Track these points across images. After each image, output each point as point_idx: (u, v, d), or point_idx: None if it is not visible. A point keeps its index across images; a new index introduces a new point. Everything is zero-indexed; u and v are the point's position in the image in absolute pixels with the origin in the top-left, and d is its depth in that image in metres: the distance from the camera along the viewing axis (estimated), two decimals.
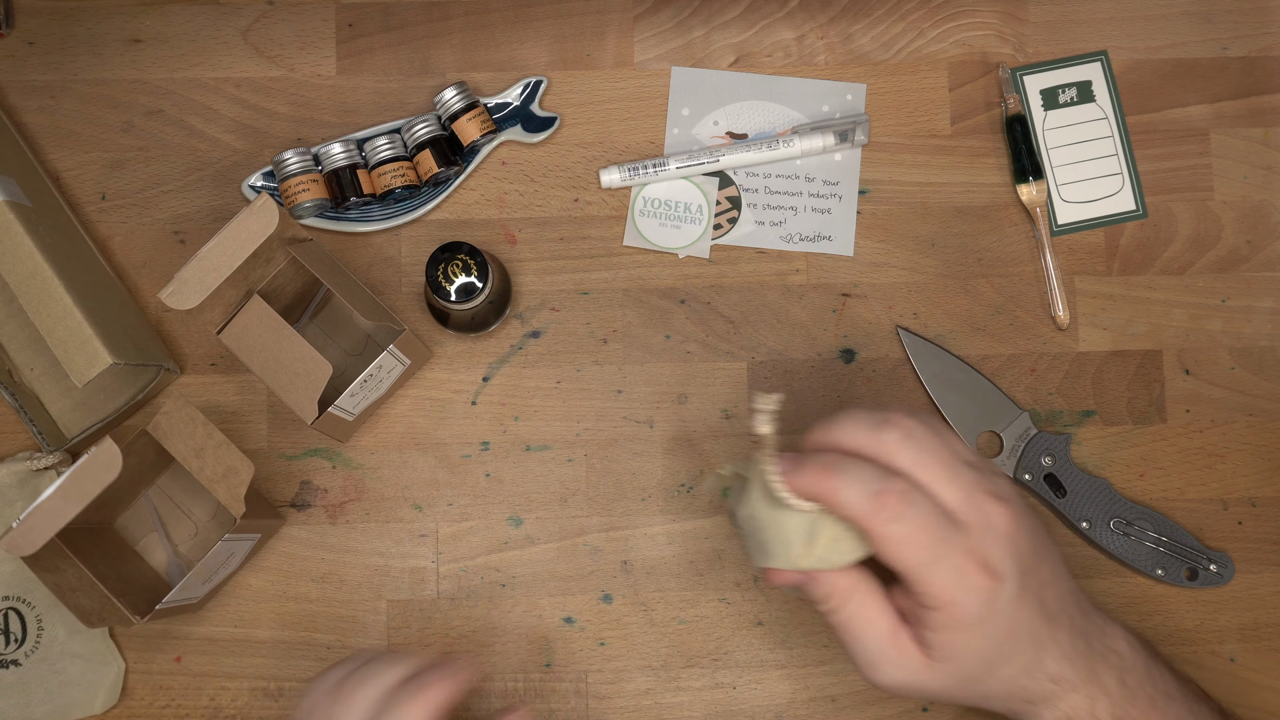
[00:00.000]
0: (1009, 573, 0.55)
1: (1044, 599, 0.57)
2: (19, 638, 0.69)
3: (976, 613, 0.55)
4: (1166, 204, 0.75)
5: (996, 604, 0.55)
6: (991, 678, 0.57)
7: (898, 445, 0.55)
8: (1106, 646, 0.59)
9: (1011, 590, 0.55)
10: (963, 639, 0.55)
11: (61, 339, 0.64)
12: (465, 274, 0.65)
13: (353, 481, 0.72)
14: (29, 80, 0.74)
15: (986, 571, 0.54)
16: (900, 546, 0.54)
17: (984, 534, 0.55)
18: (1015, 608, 0.55)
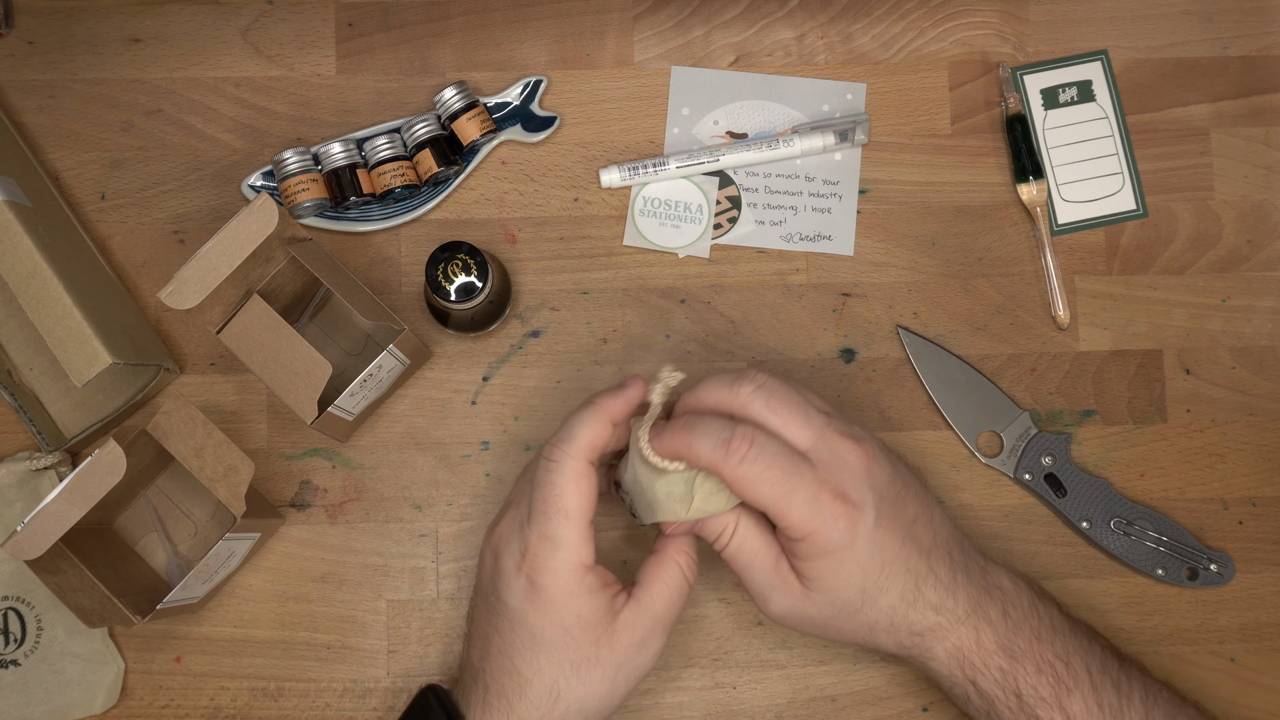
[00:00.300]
0: (866, 501, 0.58)
1: (915, 533, 0.60)
2: (19, 638, 0.69)
3: (838, 539, 0.58)
4: (1167, 203, 0.75)
5: (858, 530, 0.58)
6: (871, 606, 0.59)
7: (750, 397, 0.59)
8: (989, 581, 0.61)
9: (871, 518, 0.58)
10: (832, 566, 0.58)
11: (61, 339, 0.64)
12: (465, 274, 0.65)
13: (353, 481, 0.72)
14: (29, 80, 0.74)
15: (841, 499, 0.58)
16: (753, 486, 0.58)
17: (837, 468, 0.58)
18: (880, 535, 0.59)
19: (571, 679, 0.60)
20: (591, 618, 0.59)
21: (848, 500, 0.58)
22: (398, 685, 0.70)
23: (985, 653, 0.60)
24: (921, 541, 0.60)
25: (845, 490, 0.58)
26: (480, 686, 0.61)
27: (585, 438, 0.60)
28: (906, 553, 0.59)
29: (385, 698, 0.70)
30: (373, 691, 0.70)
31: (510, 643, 0.60)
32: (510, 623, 0.60)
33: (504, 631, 0.60)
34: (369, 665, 0.70)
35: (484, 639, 0.62)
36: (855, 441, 0.59)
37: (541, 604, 0.59)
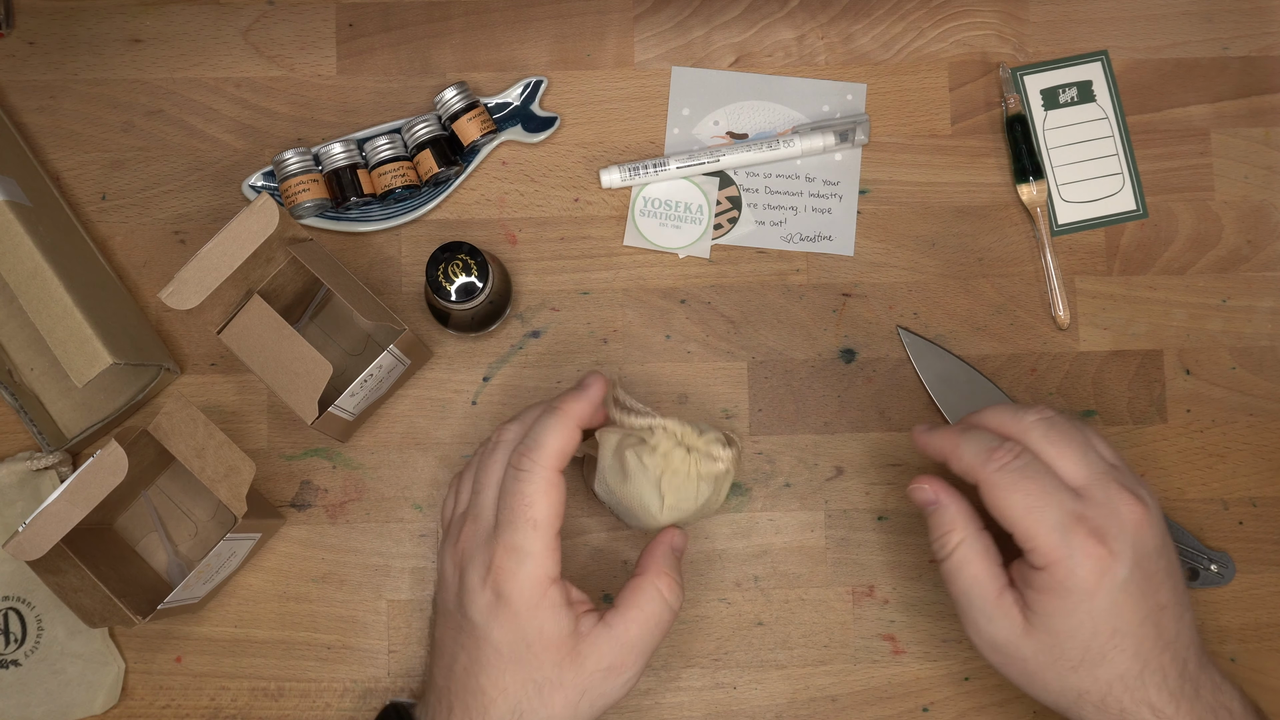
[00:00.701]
0: (1124, 554, 0.55)
1: (1160, 620, 0.57)
2: (19, 638, 0.69)
3: (1081, 579, 0.55)
4: (1167, 204, 0.75)
5: (1105, 579, 0.55)
6: (1089, 672, 0.56)
7: (1032, 424, 0.58)
8: (1219, 702, 0.58)
9: (1123, 573, 0.55)
10: (1065, 608, 0.56)
11: (61, 339, 0.64)
12: (465, 274, 0.65)
13: (353, 481, 0.72)
14: (29, 80, 0.74)
15: (1098, 539, 0.55)
16: (1006, 494, 0.56)
17: (1104, 511, 0.56)
18: (1125, 600, 0.56)
19: (534, 700, 0.58)
20: (555, 636, 0.58)
21: (1104, 541, 0.55)
22: (398, 685, 0.70)
23: None
24: (1164, 632, 0.57)
25: (1105, 532, 0.56)
26: (444, 705, 0.60)
27: (554, 445, 0.58)
28: (1144, 633, 0.56)
29: (386, 698, 0.70)
30: (373, 691, 0.70)
31: (475, 660, 0.59)
32: (475, 640, 0.59)
33: (469, 649, 0.59)
34: (369, 665, 0.70)
35: (448, 657, 0.61)
36: (1134, 496, 0.57)
37: (506, 617, 0.58)
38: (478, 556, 0.59)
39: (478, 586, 0.58)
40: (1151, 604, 0.57)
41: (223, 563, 0.66)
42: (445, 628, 0.62)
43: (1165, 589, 0.58)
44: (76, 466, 0.71)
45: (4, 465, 0.69)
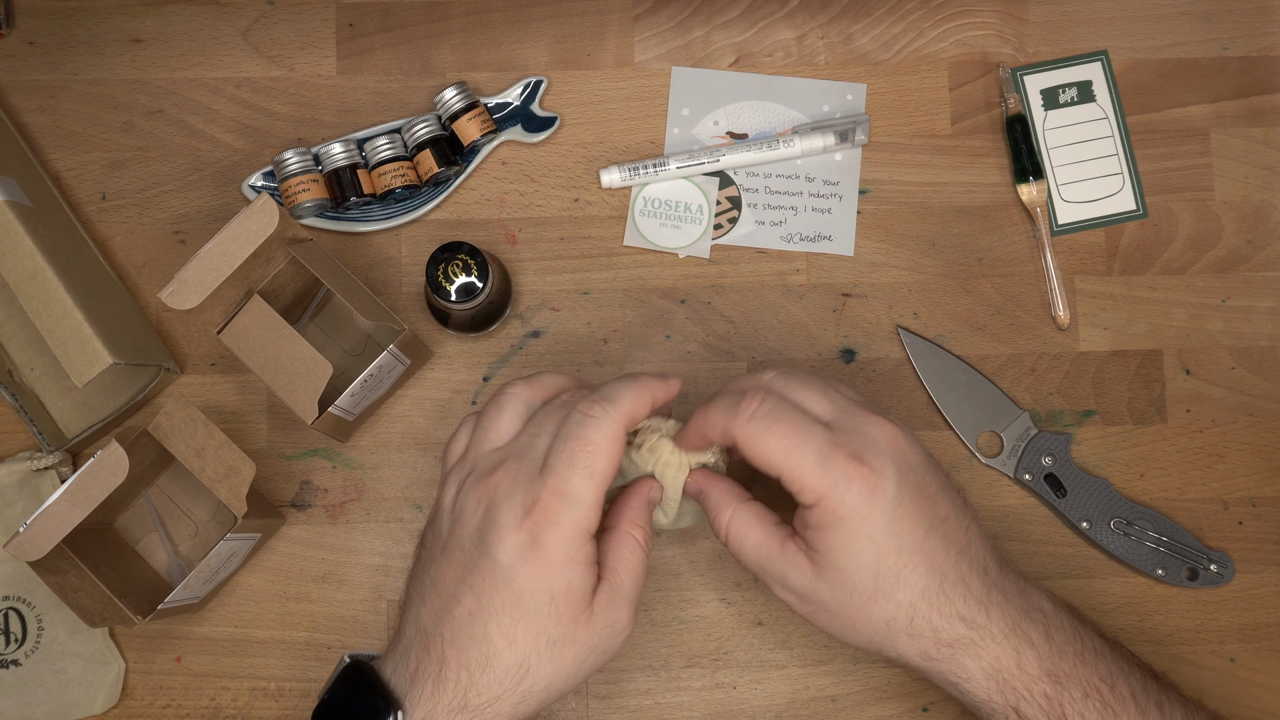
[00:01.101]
0: (886, 471, 0.55)
1: (945, 532, 0.57)
2: (19, 638, 0.69)
3: (851, 504, 0.55)
4: (1167, 204, 0.75)
5: (875, 500, 0.55)
6: (887, 596, 0.56)
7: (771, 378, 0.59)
8: (1029, 602, 0.58)
9: (890, 490, 0.55)
10: (843, 538, 0.55)
11: (61, 339, 0.64)
12: (465, 274, 0.65)
13: (353, 481, 0.72)
14: (29, 80, 0.74)
15: (857, 460, 0.55)
16: (762, 442, 0.56)
17: (857, 436, 0.56)
18: (901, 516, 0.55)
19: (544, 655, 0.55)
20: (579, 592, 0.56)
21: (864, 463, 0.55)
22: None
23: (1029, 677, 0.56)
24: (954, 541, 0.57)
25: (863, 454, 0.55)
26: (434, 656, 0.56)
27: (627, 403, 0.57)
28: (931, 545, 0.56)
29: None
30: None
31: (487, 604, 0.55)
32: (493, 581, 0.55)
33: (482, 590, 0.55)
34: None
35: (449, 598, 0.56)
36: (883, 418, 0.57)
37: (538, 564, 0.55)
38: (517, 495, 0.55)
39: (511, 526, 0.55)
40: (932, 516, 0.56)
41: (223, 563, 0.66)
42: (448, 566, 0.57)
43: (942, 501, 0.57)
44: (76, 466, 0.71)
45: (4, 465, 0.69)
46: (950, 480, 0.60)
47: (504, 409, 0.60)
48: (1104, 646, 0.59)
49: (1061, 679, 0.56)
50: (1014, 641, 0.57)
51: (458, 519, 0.57)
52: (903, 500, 0.55)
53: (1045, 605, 0.59)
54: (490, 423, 0.60)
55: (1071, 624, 0.59)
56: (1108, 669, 0.58)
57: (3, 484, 0.69)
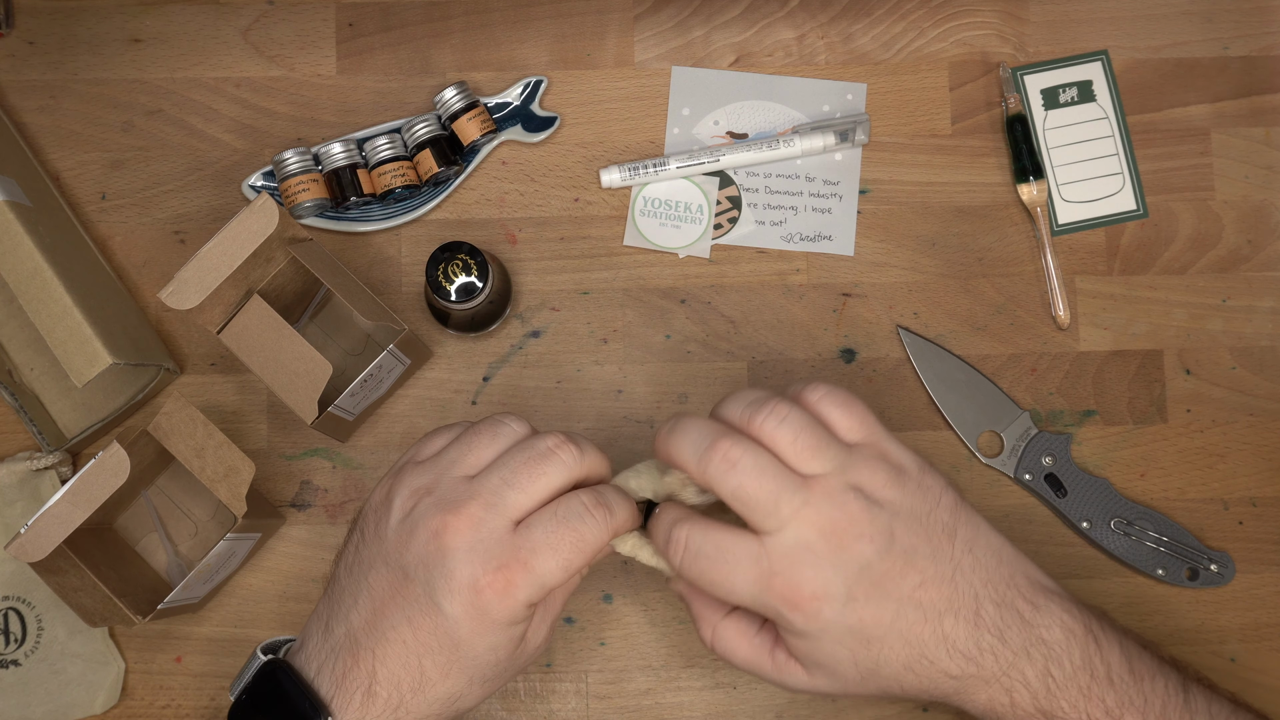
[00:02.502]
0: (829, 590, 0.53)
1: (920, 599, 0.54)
2: (19, 638, 0.69)
3: (803, 628, 0.54)
4: (1167, 204, 0.75)
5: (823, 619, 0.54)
6: (874, 677, 0.56)
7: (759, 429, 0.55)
8: (1031, 637, 0.55)
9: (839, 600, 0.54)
10: (812, 648, 0.55)
11: (61, 339, 0.64)
12: (465, 274, 0.65)
13: (353, 481, 0.72)
14: (29, 80, 0.74)
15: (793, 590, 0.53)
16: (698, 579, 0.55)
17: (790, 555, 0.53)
18: (859, 614, 0.54)
19: (477, 686, 0.56)
20: (517, 638, 0.56)
21: (797, 591, 0.53)
22: None
23: (1022, 714, 0.56)
24: (930, 606, 0.55)
25: (799, 583, 0.53)
26: (364, 668, 0.54)
27: (623, 518, 0.56)
28: (903, 625, 0.54)
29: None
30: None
31: (424, 642, 0.54)
32: (434, 626, 0.54)
33: (420, 628, 0.54)
34: None
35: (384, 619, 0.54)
36: (833, 523, 0.54)
37: (482, 624, 0.54)
38: (477, 551, 0.53)
39: (464, 582, 0.53)
40: (901, 593, 0.54)
41: (223, 563, 0.66)
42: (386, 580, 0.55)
43: (915, 566, 0.55)
44: (76, 466, 0.71)
45: (4, 465, 0.69)
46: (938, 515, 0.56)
47: (494, 439, 0.56)
48: (1123, 672, 0.56)
49: (1056, 716, 0.55)
50: (1006, 683, 0.55)
51: (405, 535, 0.55)
52: (856, 600, 0.54)
53: (1054, 635, 0.56)
54: (472, 447, 0.56)
55: (1084, 652, 0.56)
56: (1117, 698, 0.55)
57: (3, 484, 0.69)
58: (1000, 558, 0.57)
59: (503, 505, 0.54)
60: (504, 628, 0.54)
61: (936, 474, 0.57)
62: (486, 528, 0.54)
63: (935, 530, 0.56)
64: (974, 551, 0.56)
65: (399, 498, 0.56)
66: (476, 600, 0.53)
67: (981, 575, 0.56)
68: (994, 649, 0.55)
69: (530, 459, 0.55)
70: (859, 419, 0.57)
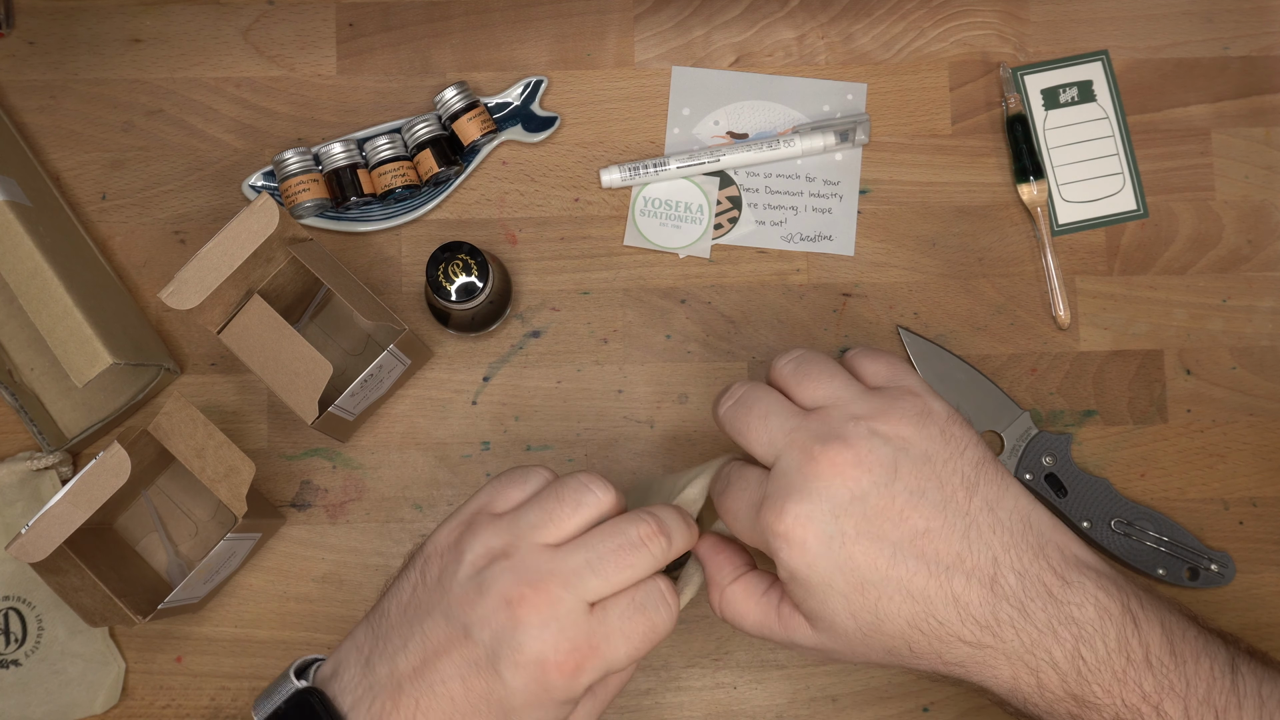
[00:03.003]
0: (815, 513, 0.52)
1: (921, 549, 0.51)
2: (19, 638, 0.69)
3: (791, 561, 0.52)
4: (1167, 204, 0.75)
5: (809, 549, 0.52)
6: (876, 632, 0.52)
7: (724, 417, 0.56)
8: (1060, 614, 0.51)
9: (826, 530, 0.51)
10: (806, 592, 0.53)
11: (61, 339, 0.64)
12: (465, 274, 0.65)
13: (353, 481, 0.72)
14: (29, 80, 0.74)
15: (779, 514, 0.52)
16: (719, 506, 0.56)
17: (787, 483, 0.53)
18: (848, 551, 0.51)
19: None
20: (566, 715, 0.53)
21: (784, 514, 0.52)
22: None
23: (1051, 698, 0.52)
24: (935, 558, 0.51)
25: (785, 504, 0.52)
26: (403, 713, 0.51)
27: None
28: (902, 573, 0.51)
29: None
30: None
31: (473, 706, 0.51)
32: (488, 692, 0.51)
33: (473, 690, 0.51)
34: None
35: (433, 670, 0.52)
36: (828, 447, 0.52)
37: (540, 699, 0.51)
38: (550, 629, 0.51)
39: (532, 658, 0.51)
40: (899, 536, 0.51)
41: (223, 563, 0.66)
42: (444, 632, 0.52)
43: (919, 512, 0.52)
44: (77, 466, 0.71)
45: (4, 465, 0.69)
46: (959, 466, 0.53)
47: (578, 508, 0.54)
48: (1165, 655, 0.52)
49: (1086, 702, 0.51)
50: (1031, 661, 0.51)
51: (473, 593, 0.52)
52: (846, 533, 0.51)
53: (1086, 614, 0.51)
54: (554, 515, 0.54)
55: (1120, 633, 0.52)
56: (1156, 684, 0.51)
57: (3, 484, 0.69)
58: (1029, 524, 0.53)
59: (583, 589, 0.52)
60: (558, 705, 0.52)
61: (969, 428, 0.54)
62: (564, 607, 0.51)
63: (951, 478, 0.53)
64: (995, 512, 0.52)
65: (470, 552, 0.53)
66: (541, 677, 0.51)
67: (1002, 539, 0.52)
68: (1014, 622, 0.51)
69: (620, 548, 0.53)
70: (886, 365, 0.56)
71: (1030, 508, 0.53)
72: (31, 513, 0.69)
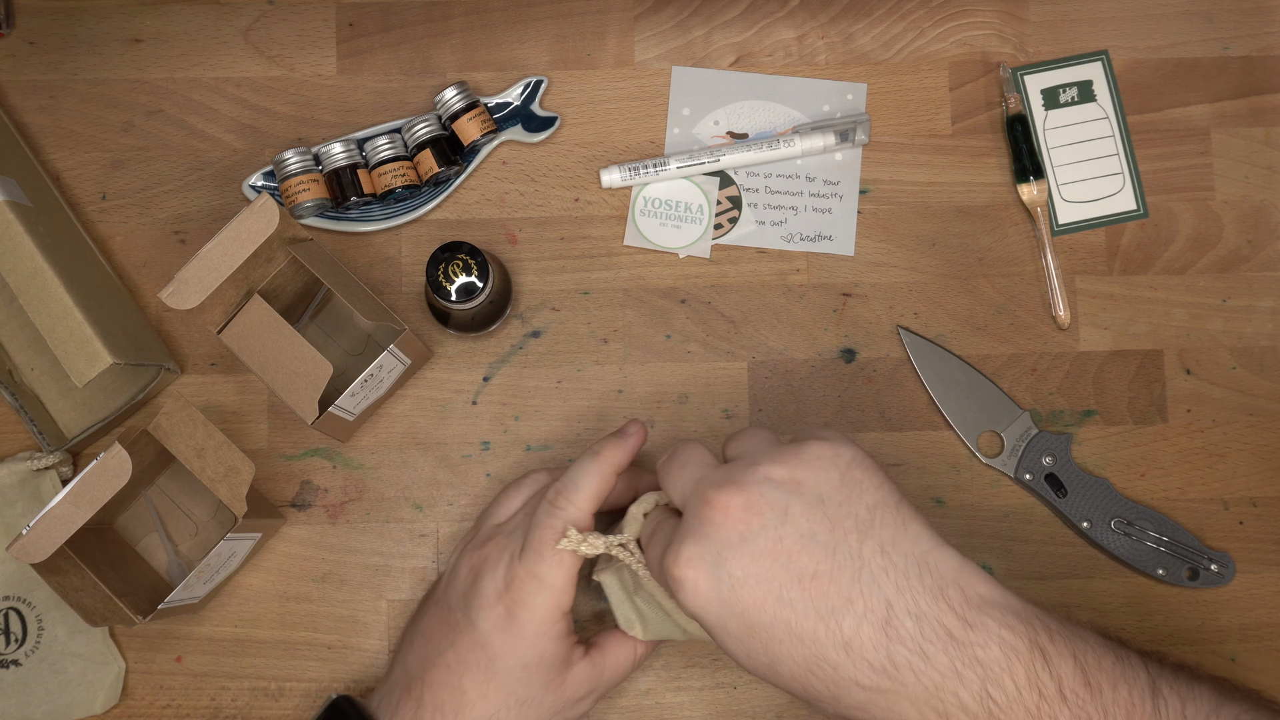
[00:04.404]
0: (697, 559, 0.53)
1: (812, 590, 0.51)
2: (19, 638, 0.69)
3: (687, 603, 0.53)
4: (1167, 204, 0.75)
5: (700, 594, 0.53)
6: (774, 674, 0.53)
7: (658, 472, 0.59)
8: (963, 657, 0.50)
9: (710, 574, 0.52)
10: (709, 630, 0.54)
11: (61, 339, 0.64)
12: (465, 274, 0.65)
13: (353, 481, 0.72)
14: (29, 80, 0.74)
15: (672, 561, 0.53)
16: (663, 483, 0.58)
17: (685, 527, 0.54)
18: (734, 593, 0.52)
19: (512, 712, 0.61)
20: (552, 661, 0.61)
21: (677, 561, 0.53)
22: None
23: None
24: (820, 603, 0.51)
25: (678, 551, 0.53)
26: (414, 696, 0.61)
27: (590, 488, 0.61)
28: (789, 615, 0.51)
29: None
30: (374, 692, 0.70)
31: (465, 661, 0.61)
32: (472, 642, 0.61)
33: (462, 649, 0.61)
34: (370, 665, 0.70)
35: (433, 649, 0.62)
36: (721, 491, 0.53)
37: (512, 635, 0.60)
38: (499, 570, 0.61)
39: (491, 598, 0.60)
40: (785, 578, 0.51)
41: (223, 563, 0.66)
42: (436, 619, 0.63)
43: (808, 553, 0.52)
44: (77, 466, 0.71)
45: (4, 465, 0.69)
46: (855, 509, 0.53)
47: (519, 490, 0.66)
48: (1078, 687, 0.51)
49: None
50: (937, 705, 0.50)
51: (453, 580, 0.64)
52: (733, 576, 0.52)
53: (992, 652, 0.50)
54: (502, 500, 0.66)
55: (1028, 670, 0.50)
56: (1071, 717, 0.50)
57: (3, 484, 0.69)
58: (926, 567, 0.52)
59: (519, 532, 0.62)
60: (532, 640, 0.60)
61: (875, 471, 0.54)
62: (506, 552, 0.61)
63: (843, 521, 0.52)
64: (889, 555, 0.52)
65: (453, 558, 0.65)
66: (502, 612, 0.60)
67: (896, 581, 0.51)
68: (913, 666, 0.50)
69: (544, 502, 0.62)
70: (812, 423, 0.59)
71: (930, 549, 0.53)
72: (32, 513, 0.69)
